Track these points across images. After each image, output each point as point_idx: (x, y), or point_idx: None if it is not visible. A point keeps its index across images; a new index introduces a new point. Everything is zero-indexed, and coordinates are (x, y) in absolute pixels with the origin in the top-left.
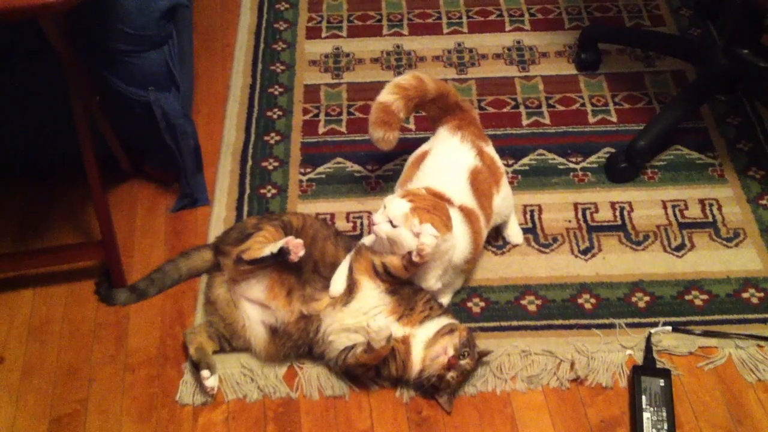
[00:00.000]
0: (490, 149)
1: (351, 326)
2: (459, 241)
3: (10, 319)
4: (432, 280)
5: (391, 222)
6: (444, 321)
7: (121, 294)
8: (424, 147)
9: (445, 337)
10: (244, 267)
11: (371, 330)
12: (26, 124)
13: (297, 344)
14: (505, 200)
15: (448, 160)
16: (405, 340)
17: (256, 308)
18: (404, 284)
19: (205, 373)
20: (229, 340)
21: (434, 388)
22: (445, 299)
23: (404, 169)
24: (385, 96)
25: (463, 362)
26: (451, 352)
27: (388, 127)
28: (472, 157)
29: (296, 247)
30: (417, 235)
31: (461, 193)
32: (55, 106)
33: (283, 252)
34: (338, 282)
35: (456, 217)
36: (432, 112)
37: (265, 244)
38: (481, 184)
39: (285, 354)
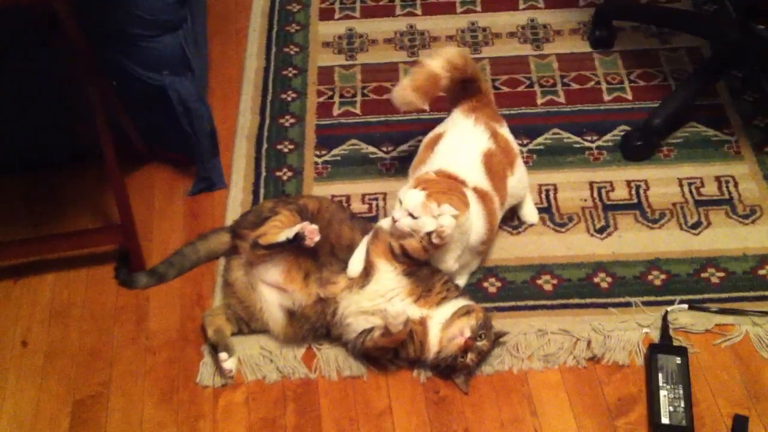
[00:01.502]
0: (504, 130)
1: (368, 309)
2: (474, 223)
3: (33, 303)
4: (450, 261)
5: (411, 214)
6: (461, 302)
7: (141, 277)
8: (438, 129)
9: (462, 318)
10: (260, 251)
11: (389, 315)
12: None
13: (315, 327)
14: (520, 181)
15: (462, 142)
16: (422, 322)
17: (274, 291)
18: (421, 266)
19: (223, 355)
20: (248, 323)
21: (451, 368)
22: (461, 281)
23: (418, 152)
24: (438, 68)
25: (479, 344)
26: (467, 334)
27: (424, 97)
28: (486, 140)
29: (311, 233)
30: (437, 217)
31: (475, 175)
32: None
33: (298, 237)
34: (356, 263)
35: (470, 198)
36: (454, 92)
37: (281, 229)
38: (495, 166)
39: (303, 336)
